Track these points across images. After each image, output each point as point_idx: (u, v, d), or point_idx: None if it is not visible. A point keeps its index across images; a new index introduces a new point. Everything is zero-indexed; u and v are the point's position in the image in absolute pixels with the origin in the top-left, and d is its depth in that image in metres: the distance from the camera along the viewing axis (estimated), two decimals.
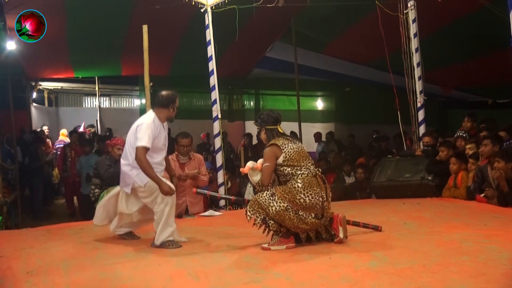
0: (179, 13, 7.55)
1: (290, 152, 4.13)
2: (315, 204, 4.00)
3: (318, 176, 4.15)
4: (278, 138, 4.23)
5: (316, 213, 4.02)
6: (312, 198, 4.00)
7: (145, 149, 4.20)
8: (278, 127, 4.32)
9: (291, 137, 4.33)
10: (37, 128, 12.00)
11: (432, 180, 6.52)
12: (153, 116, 4.37)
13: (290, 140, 4.25)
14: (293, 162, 4.12)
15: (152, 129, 4.27)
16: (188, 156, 6.08)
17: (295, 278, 3.21)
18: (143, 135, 4.22)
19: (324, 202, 4.06)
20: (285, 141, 4.20)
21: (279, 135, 4.28)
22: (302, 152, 4.20)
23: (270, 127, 4.31)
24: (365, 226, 4.53)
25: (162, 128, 4.42)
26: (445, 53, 9.07)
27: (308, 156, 4.24)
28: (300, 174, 4.09)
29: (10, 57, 8.20)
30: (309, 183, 4.04)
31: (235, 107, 13.42)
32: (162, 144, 4.44)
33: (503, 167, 5.35)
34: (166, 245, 4.25)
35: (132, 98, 15.40)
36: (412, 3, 7.12)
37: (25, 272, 3.55)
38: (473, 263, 3.32)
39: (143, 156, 4.19)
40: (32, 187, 9.33)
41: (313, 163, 4.25)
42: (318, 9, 8.12)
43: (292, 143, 4.20)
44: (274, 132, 4.28)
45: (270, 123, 4.31)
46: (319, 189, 4.06)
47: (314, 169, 4.17)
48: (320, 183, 4.12)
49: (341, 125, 13.18)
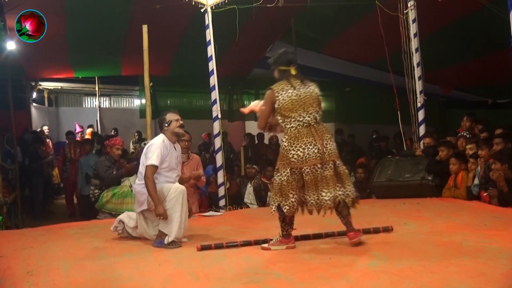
0: (179, 13, 7.54)
1: (284, 100, 3.95)
2: (309, 155, 3.85)
3: (311, 125, 3.93)
4: (281, 82, 4.04)
5: (315, 163, 3.86)
6: (304, 149, 3.86)
7: (153, 168, 4.35)
8: (291, 68, 4.09)
9: (301, 81, 4.05)
10: (37, 128, 11.99)
11: (432, 180, 6.53)
12: (163, 137, 4.53)
13: (295, 85, 4.00)
14: (285, 111, 3.95)
15: (161, 149, 4.41)
16: (187, 154, 6.14)
17: (295, 278, 3.20)
18: (152, 154, 4.37)
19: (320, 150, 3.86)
20: (286, 87, 4.00)
21: (291, 77, 4.06)
22: (301, 100, 3.95)
23: (283, 68, 4.12)
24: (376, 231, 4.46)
25: (172, 148, 4.56)
26: (445, 53, 9.06)
27: (306, 103, 3.96)
28: (288, 129, 3.93)
29: (10, 57, 8.19)
30: (296, 136, 3.90)
31: (235, 107, 13.41)
32: (174, 163, 4.56)
33: (499, 169, 5.37)
34: (166, 245, 4.26)
35: (132, 98, 15.40)
36: (412, 3, 7.11)
37: (25, 272, 3.55)
38: (473, 263, 3.31)
39: (151, 175, 4.34)
40: (32, 187, 9.33)
41: (314, 110, 3.96)
42: (318, 9, 8.12)
43: (292, 89, 3.97)
44: (286, 74, 4.09)
45: (283, 64, 4.12)
46: (311, 138, 3.88)
47: (308, 119, 3.93)
48: (313, 132, 3.91)
49: (341, 125, 13.18)
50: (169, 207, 4.27)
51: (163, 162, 4.42)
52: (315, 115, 3.99)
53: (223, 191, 6.69)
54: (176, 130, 4.57)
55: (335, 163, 3.97)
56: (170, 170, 4.52)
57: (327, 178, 3.90)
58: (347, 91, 13.28)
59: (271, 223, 5.26)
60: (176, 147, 4.64)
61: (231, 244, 4.16)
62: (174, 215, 4.26)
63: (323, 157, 3.88)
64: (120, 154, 6.75)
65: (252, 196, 7.45)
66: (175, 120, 4.57)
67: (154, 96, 11.89)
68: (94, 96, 14.33)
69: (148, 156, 4.39)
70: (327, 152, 3.91)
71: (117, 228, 4.76)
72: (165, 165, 4.45)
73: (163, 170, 4.45)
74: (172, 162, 4.53)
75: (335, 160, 3.97)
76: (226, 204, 6.64)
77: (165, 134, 4.56)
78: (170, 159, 4.49)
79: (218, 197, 6.73)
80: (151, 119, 6.63)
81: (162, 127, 4.59)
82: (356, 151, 10.74)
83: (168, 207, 4.28)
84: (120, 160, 6.89)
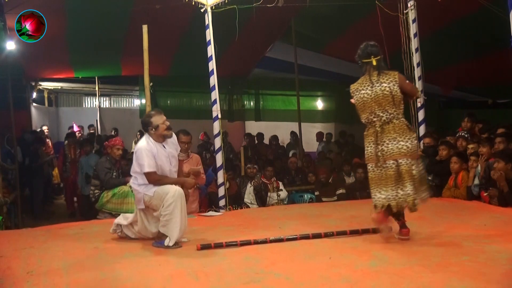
0: (179, 13, 7.54)
1: (357, 101, 4.32)
2: (369, 154, 4.22)
3: (376, 127, 4.19)
4: (359, 80, 4.35)
5: (372, 162, 4.19)
6: (367, 148, 4.25)
7: (152, 173, 4.33)
8: (373, 59, 4.30)
9: (378, 74, 4.24)
10: (37, 128, 11.99)
11: (432, 180, 6.52)
12: (147, 140, 4.46)
13: (373, 80, 4.22)
14: (358, 110, 4.34)
15: (147, 152, 4.35)
16: (187, 153, 6.16)
17: (295, 278, 3.21)
18: (142, 161, 4.34)
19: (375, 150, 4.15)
20: (361, 86, 4.29)
21: (374, 68, 4.29)
22: (372, 100, 4.20)
23: (366, 60, 4.37)
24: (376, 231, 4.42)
25: (160, 147, 4.47)
26: (445, 53, 9.06)
27: (376, 103, 4.17)
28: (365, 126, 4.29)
29: (10, 57, 8.18)
30: (365, 135, 4.30)
31: (235, 107, 13.41)
32: (164, 162, 4.48)
33: (503, 167, 5.36)
34: (167, 245, 4.25)
35: (132, 98, 15.40)
36: (412, 3, 7.11)
37: (25, 272, 3.55)
38: (473, 263, 3.32)
39: (155, 179, 4.34)
40: (32, 187, 9.32)
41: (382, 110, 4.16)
42: (318, 9, 8.12)
43: (365, 89, 4.24)
44: (368, 66, 4.34)
45: (364, 57, 4.38)
46: (373, 138, 4.19)
47: (374, 119, 4.19)
48: (373, 132, 4.20)
49: (341, 125, 13.17)
50: (168, 212, 4.23)
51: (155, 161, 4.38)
52: (383, 115, 4.17)
53: (223, 191, 6.68)
54: (164, 133, 4.49)
55: (398, 162, 4.10)
56: (162, 172, 4.44)
57: (387, 177, 4.12)
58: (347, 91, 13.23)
59: (271, 223, 5.28)
60: (165, 144, 4.52)
61: (231, 243, 4.16)
62: (173, 220, 4.23)
63: (378, 157, 4.14)
64: (120, 154, 6.74)
65: (252, 196, 7.45)
66: (162, 123, 4.46)
67: (154, 96, 11.89)
68: (94, 96, 14.32)
69: (140, 163, 4.36)
70: (386, 153, 4.12)
71: (116, 231, 4.75)
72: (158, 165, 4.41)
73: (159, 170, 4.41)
74: (163, 163, 4.44)
75: (397, 159, 4.09)
76: (226, 204, 6.63)
77: (151, 136, 4.48)
78: (159, 160, 4.40)
79: (218, 197, 6.72)
80: None
81: (147, 130, 4.49)
82: (356, 151, 10.73)
83: (167, 212, 4.24)
84: (122, 162, 6.88)
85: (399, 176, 4.07)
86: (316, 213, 5.85)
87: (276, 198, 7.49)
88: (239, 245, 4.16)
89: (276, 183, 7.65)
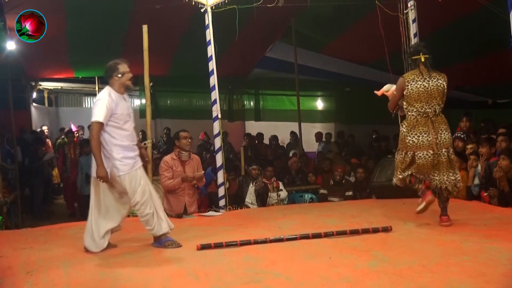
0: (179, 13, 7.54)
1: (412, 90, 4.61)
2: (423, 142, 4.56)
3: (429, 117, 4.58)
4: (412, 72, 4.69)
5: (428, 150, 4.56)
6: (418, 137, 4.58)
7: (99, 124, 4.08)
8: (422, 56, 4.69)
9: (428, 71, 4.64)
10: (37, 128, 11.99)
11: None
12: (109, 91, 4.24)
13: (425, 75, 4.62)
14: (410, 100, 4.64)
15: (108, 103, 4.12)
16: (189, 152, 6.18)
17: (295, 278, 3.21)
18: (98, 110, 4.10)
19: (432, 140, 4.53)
20: (417, 77, 4.62)
21: (421, 64, 4.68)
22: (427, 92, 4.59)
23: (414, 57, 4.75)
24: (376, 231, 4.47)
25: (122, 99, 4.28)
26: (445, 53, 9.04)
27: (431, 96, 4.60)
28: (409, 116, 4.66)
29: (10, 57, 8.19)
30: (413, 124, 4.62)
31: (235, 107, 13.41)
32: (127, 114, 4.28)
33: (507, 165, 5.33)
34: (166, 245, 4.24)
35: (132, 98, 15.33)
36: (412, 3, 7.10)
37: (25, 272, 3.55)
38: (473, 263, 3.32)
39: (96, 132, 4.08)
40: (32, 187, 9.33)
41: (436, 103, 4.61)
42: (318, 9, 8.11)
43: (422, 81, 4.60)
44: (417, 62, 4.71)
45: (413, 54, 4.78)
46: (426, 128, 4.56)
47: (428, 110, 4.59)
48: (429, 123, 4.56)
49: (341, 125, 13.17)
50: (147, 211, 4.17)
51: (113, 115, 4.15)
52: (435, 108, 4.64)
53: (223, 191, 6.68)
54: (128, 83, 4.33)
55: (449, 151, 4.65)
56: (125, 123, 4.24)
57: (440, 163, 4.61)
58: (347, 91, 13.27)
59: (271, 222, 5.29)
60: (125, 97, 4.35)
61: (231, 243, 4.16)
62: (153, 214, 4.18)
63: (435, 145, 4.55)
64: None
65: (253, 197, 7.45)
66: (128, 72, 4.31)
67: (154, 96, 11.90)
68: (94, 96, 14.29)
69: (93, 112, 4.11)
70: (441, 142, 4.59)
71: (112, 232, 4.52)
72: (118, 119, 4.18)
73: (118, 124, 4.18)
74: (125, 114, 4.25)
75: (449, 148, 4.66)
76: (226, 204, 6.63)
77: (113, 85, 4.27)
78: (121, 110, 4.22)
79: (218, 197, 6.72)
80: (151, 119, 6.62)
81: (111, 76, 4.29)
82: (356, 151, 10.74)
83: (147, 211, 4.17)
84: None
85: (451, 163, 4.66)
86: (316, 213, 5.85)
87: (276, 198, 7.48)
88: (239, 245, 4.16)
89: (276, 183, 7.64)
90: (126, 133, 4.25)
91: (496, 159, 5.74)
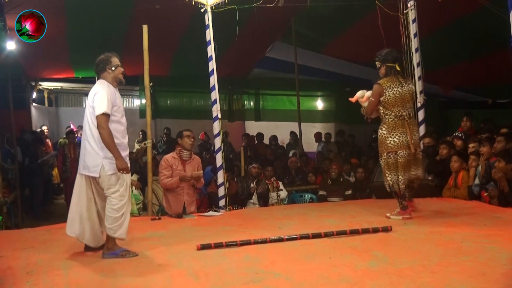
0: (179, 13, 7.54)
1: (389, 96, 4.91)
2: (403, 142, 4.91)
3: (405, 119, 4.92)
4: (389, 78, 4.96)
5: (406, 149, 4.91)
6: (399, 137, 4.92)
7: (106, 117, 3.93)
8: (396, 65, 4.98)
9: (403, 78, 5.00)
10: (37, 128, 11.99)
11: (432, 180, 6.52)
12: (106, 83, 4.13)
13: (402, 82, 4.94)
14: (388, 105, 4.94)
15: (108, 93, 4.02)
16: (191, 152, 6.19)
17: (295, 278, 3.20)
18: (101, 102, 3.94)
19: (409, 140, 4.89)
20: (393, 84, 4.92)
21: (396, 73, 4.98)
22: (402, 97, 4.92)
23: (390, 65, 4.99)
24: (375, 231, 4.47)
25: (117, 92, 4.19)
26: (445, 53, 9.06)
27: (405, 100, 4.96)
28: (387, 119, 4.98)
29: (10, 57, 8.19)
30: (393, 126, 4.94)
31: (235, 107, 13.41)
32: (123, 108, 4.20)
33: (504, 167, 5.35)
34: (121, 255, 3.97)
35: (132, 98, 15.36)
36: (412, 3, 7.10)
37: (25, 272, 3.55)
38: (473, 263, 3.32)
39: (106, 124, 3.91)
40: (32, 187, 9.33)
41: (409, 106, 5.01)
42: (318, 9, 8.12)
43: (397, 87, 4.92)
44: (393, 70, 4.97)
45: (390, 61, 4.97)
46: (404, 129, 4.90)
47: (404, 113, 4.93)
48: (405, 124, 4.90)
49: (341, 125, 13.17)
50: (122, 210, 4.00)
51: (113, 107, 4.03)
52: (409, 111, 5.02)
53: (223, 191, 6.68)
54: (120, 77, 4.22)
55: (416, 150, 5.05)
56: (122, 116, 4.14)
57: (417, 160, 5.08)
58: (347, 91, 13.25)
59: (271, 222, 5.29)
60: (117, 93, 4.21)
61: (231, 243, 4.16)
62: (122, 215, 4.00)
63: (411, 145, 4.92)
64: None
65: (255, 197, 7.46)
66: (120, 65, 4.21)
67: (154, 96, 11.89)
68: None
69: (97, 105, 3.95)
70: (415, 142, 5.00)
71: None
72: (117, 111, 4.07)
73: (116, 118, 4.07)
74: (122, 107, 4.17)
75: (417, 148, 5.09)
76: (226, 204, 6.63)
77: (106, 78, 4.16)
78: (120, 103, 4.13)
79: (218, 197, 6.72)
80: (151, 119, 6.63)
81: (104, 69, 4.16)
82: (356, 151, 10.73)
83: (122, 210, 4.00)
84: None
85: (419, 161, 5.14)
86: (316, 213, 5.85)
87: (276, 198, 7.49)
88: (239, 245, 4.15)
89: (276, 183, 7.64)
90: (122, 128, 4.15)
91: (495, 158, 5.74)
